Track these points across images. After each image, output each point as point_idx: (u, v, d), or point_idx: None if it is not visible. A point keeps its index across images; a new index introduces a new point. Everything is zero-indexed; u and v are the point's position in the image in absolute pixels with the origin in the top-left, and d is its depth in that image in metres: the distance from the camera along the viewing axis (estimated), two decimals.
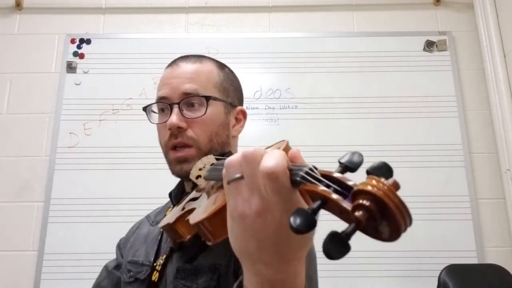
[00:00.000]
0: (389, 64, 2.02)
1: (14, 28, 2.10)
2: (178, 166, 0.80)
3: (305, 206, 0.41)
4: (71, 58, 2.04)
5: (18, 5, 2.11)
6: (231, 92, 0.88)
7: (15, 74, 2.04)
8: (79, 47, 2.05)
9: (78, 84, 2.00)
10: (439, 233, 1.79)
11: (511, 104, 1.89)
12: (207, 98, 0.81)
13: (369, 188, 0.33)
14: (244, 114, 0.91)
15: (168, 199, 0.94)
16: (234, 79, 0.91)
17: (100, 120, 1.95)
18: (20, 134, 1.95)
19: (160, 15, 2.14)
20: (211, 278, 0.71)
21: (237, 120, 0.89)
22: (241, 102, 0.92)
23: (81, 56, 2.04)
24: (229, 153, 0.84)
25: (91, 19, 2.12)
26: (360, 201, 0.33)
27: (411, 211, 0.37)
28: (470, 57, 2.05)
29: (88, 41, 2.06)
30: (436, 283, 1.58)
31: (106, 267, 0.96)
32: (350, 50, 2.04)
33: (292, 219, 0.34)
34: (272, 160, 0.40)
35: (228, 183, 0.45)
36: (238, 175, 0.44)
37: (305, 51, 2.03)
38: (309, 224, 0.34)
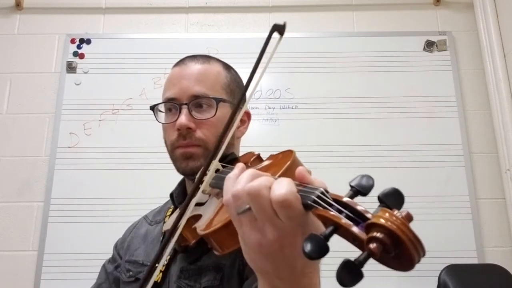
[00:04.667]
0: (389, 64, 2.01)
1: (14, 28, 2.10)
2: (184, 162, 0.80)
3: (320, 227, 0.42)
4: (71, 58, 2.03)
5: (18, 5, 2.11)
6: (237, 93, 0.88)
7: (15, 74, 2.04)
8: (79, 47, 2.05)
9: (78, 84, 2.00)
10: (439, 233, 1.79)
11: (511, 104, 1.89)
12: (217, 101, 0.81)
13: (383, 221, 0.34)
14: (248, 115, 0.91)
15: (167, 198, 0.94)
16: (239, 81, 0.92)
17: (100, 120, 1.95)
18: (20, 134, 1.95)
19: (160, 15, 2.14)
20: (214, 277, 0.71)
21: (242, 121, 0.89)
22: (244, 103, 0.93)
23: (81, 56, 2.04)
24: (232, 154, 0.84)
25: (91, 19, 2.12)
26: (374, 234, 0.34)
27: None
28: (470, 57, 2.05)
29: (88, 41, 2.06)
30: (436, 283, 1.58)
31: (105, 268, 0.96)
32: (350, 50, 2.04)
33: (305, 246, 0.36)
34: (283, 187, 0.41)
35: (238, 214, 0.45)
36: (247, 206, 0.44)
37: (305, 51, 2.03)
38: (322, 250, 0.36)
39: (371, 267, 0.45)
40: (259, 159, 0.79)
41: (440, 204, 1.83)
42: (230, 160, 0.82)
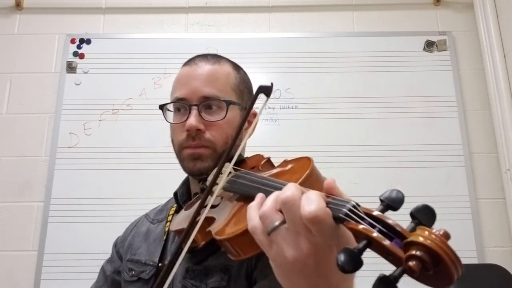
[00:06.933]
0: (389, 64, 2.01)
1: (14, 28, 2.10)
2: (192, 163, 0.80)
3: (351, 238, 0.42)
4: (71, 58, 2.03)
5: (18, 5, 2.11)
6: (245, 95, 0.88)
7: (15, 74, 2.04)
8: (79, 47, 2.05)
9: (78, 84, 2.00)
10: None
11: (511, 104, 1.89)
12: (228, 103, 0.81)
13: (422, 240, 0.35)
14: (256, 117, 0.91)
15: (167, 198, 0.93)
16: (248, 81, 0.92)
17: (100, 120, 1.95)
18: (20, 134, 1.95)
19: (160, 15, 2.13)
20: (222, 278, 0.71)
21: (249, 122, 0.89)
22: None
23: (81, 56, 2.04)
24: (239, 156, 0.84)
25: (91, 19, 2.12)
26: (414, 252, 0.34)
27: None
28: (470, 57, 2.05)
29: (88, 41, 2.06)
30: None
31: (103, 271, 0.96)
32: (350, 50, 2.04)
33: (338, 258, 0.36)
34: (312, 203, 0.41)
35: (269, 234, 0.45)
36: (277, 223, 0.44)
37: (305, 51, 2.03)
38: (356, 263, 0.36)
39: (372, 267, 0.45)
40: (269, 163, 0.78)
41: (440, 204, 1.83)
42: (237, 161, 0.82)
